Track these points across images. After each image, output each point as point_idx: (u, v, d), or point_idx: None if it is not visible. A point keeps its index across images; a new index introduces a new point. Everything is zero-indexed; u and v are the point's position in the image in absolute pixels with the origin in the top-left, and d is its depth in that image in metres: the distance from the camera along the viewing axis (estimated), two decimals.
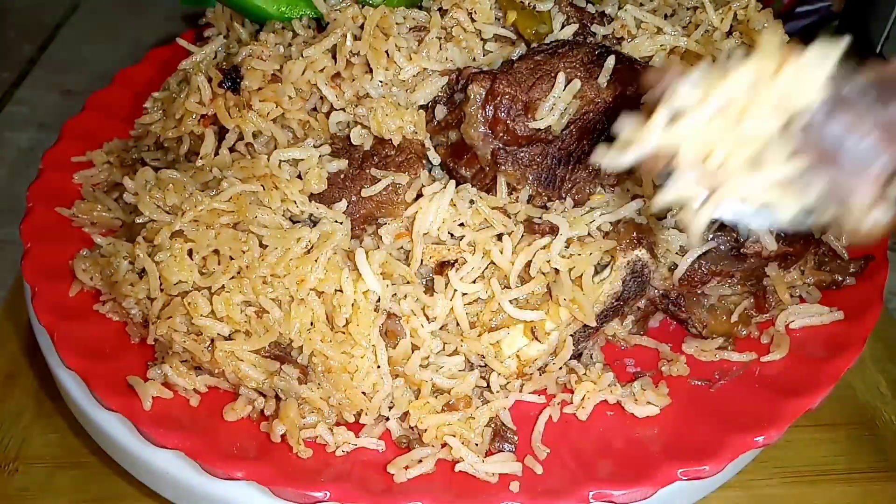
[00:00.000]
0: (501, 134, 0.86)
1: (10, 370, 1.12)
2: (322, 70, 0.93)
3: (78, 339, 0.90)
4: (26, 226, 1.02)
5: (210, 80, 0.94)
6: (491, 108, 0.85)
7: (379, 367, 0.81)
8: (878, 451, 1.02)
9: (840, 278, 0.94)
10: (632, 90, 0.86)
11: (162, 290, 0.84)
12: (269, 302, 0.81)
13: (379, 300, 0.82)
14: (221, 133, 0.96)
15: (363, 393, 0.81)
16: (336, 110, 0.92)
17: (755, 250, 0.86)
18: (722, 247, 0.88)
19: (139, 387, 0.84)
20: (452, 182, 0.86)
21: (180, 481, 0.83)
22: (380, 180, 0.86)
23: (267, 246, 0.83)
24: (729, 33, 1.05)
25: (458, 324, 0.87)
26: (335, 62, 0.93)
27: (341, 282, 0.80)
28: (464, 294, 0.87)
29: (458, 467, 0.80)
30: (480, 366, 0.88)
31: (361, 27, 0.95)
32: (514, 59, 0.89)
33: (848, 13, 1.68)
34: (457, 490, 0.78)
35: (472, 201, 0.85)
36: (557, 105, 0.84)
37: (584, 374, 0.88)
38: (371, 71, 0.93)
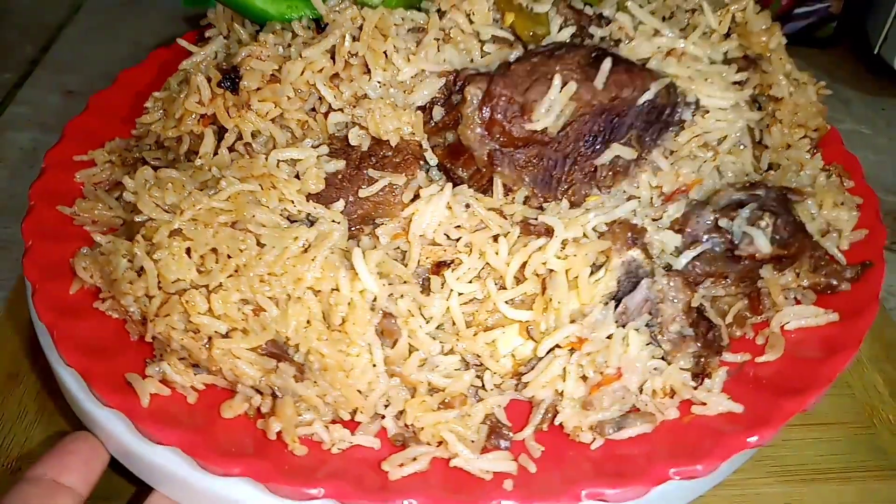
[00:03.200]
0: (498, 135, 0.87)
1: (13, 369, 1.12)
2: (320, 71, 0.94)
3: (78, 337, 0.90)
4: (28, 224, 1.03)
5: (209, 80, 0.94)
6: (487, 109, 0.86)
7: (375, 365, 0.81)
8: (876, 451, 1.03)
9: (835, 283, 0.94)
10: (628, 92, 0.87)
11: (160, 289, 0.85)
12: (267, 300, 0.82)
13: (375, 299, 0.82)
14: (220, 133, 0.97)
15: (359, 391, 0.82)
16: (334, 111, 0.93)
17: (749, 252, 0.87)
18: (716, 248, 0.88)
19: (137, 384, 0.85)
20: (449, 185, 0.87)
21: (179, 478, 0.83)
22: (377, 181, 0.87)
23: (265, 245, 0.83)
24: (727, 35, 1.06)
25: (453, 323, 0.88)
26: (334, 63, 0.94)
27: (338, 281, 0.81)
28: (460, 294, 0.87)
29: (452, 463, 0.80)
30: (476, 365, 0.89)
31: (360, 28, 0.96)
32: (511, 61, 0.90)
33: (846, 14, 1.71)
34: (451, 487, 0.79)
35: (467, 205, 0.86)
36: (553, 107, 0.85)
37: None
38: (369, 72, 0.94)
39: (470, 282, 0.88)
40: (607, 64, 0.86)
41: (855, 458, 1.02)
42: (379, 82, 0.93)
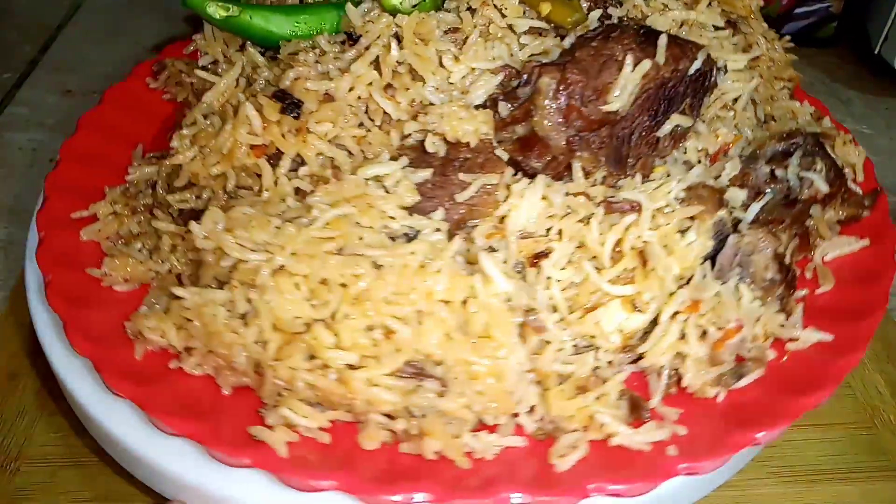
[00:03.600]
0: (575, 121, 0.89)
1: (12, 370, 1.09)
2: (371, 84, 0.92)
3: (172, 403, 0.84)
4: (52, 295, 0.93)
5: (259, 108, 0.89)
6: (564, 97, 0.88)
7: (520, 365, 0.81)
8: (877, 451, 1.03)
9: (860, 211, 1.04)
10: (684, 64, 0.92)
11: (276, 331, 0.80)
12: (396, 321, 0.80)
13: (510, 300, 0.82)
14: (269, 163, 0.92)
15: (508, 393, 0.81)
16: (397, 121, 0.91)
17: (810, 195, 0.94)
18: (776, 197, 0.96)
19: (267, 436, 0.80)
20: (541, 177, 0.88)
21: (189, 482, 0.82)
22: (471, 184, 0.87)
23: (381, 266, 0.81)
24: (710, 4, 1.13)
25: (555, 311, 0.90)
26: (381, 75, 0.92)
27: (473, 287, 0.80)
28: (558, 281, 0.89)
29: (613, 441, 0.82)
30: (585, 347, 0.91)
31: (395, 36, 0.94)
32: (567, 47, 0.92)
33: (847, 14, 1.72)
34: (617, 466, 0.81)
35: (567, 193, 0.87)
36: (627, 86, 0.88)
37: None
38: (418, 78, 0.93)
39: (563, 268, 0.90)
40: (664, 39, 0.90)
41: (856, 458, 1.03)
42: (433, 87, 0.92)
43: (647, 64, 0.88)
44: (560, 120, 0.88)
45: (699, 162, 0.99)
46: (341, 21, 1.00)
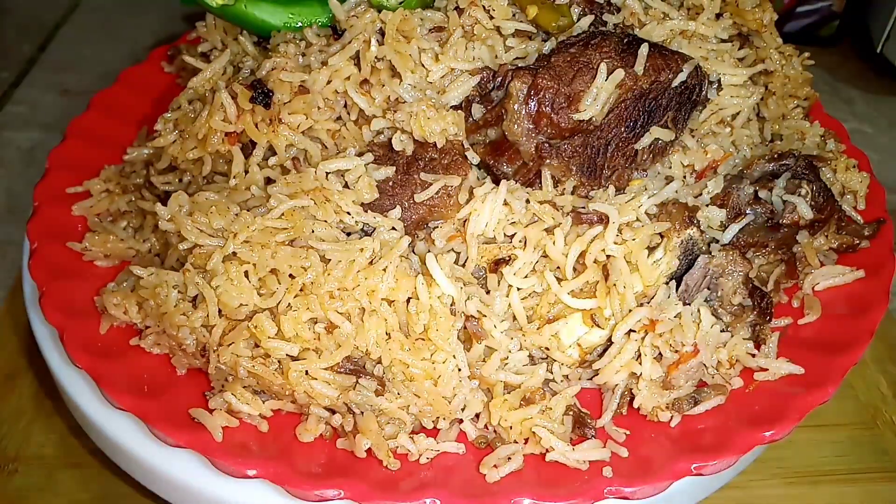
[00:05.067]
0: (545, 128, 0.87)
1: (10, 370, 1.11)
2: (348, 78, 0.92)
3: (124, 378, 0.86)
4: (35, 266, 0.96)
5: (235, 95, 0.90)
6: (534, 102, 0.86)
7: (460, 370, 0.80)
8: (879, 452, 1.02)
9: (857, 241, 0.99)
10: (665, 75, 0.89)
11: (222, 316, 0.81)
12: (339, 316, 0.80)
13: (453, 303, 0.81)
14: (244, 150, 0.93)
15: (444, 398, 0.81)
16: (371, 117, 0.91)
17: (793, 220, 0.90)
18: (758, 219, 0.92)
19: (206, 419, 0.82)
20: (504, 182, 0.86)
21: (184, 483, 0.83)
22: (431, 184, 0.86)
23: (329, 260, 0.81)
24: (719, 15, 1.09)
25: (514, 319, 0.88)
26: (360, 69, 0.92)
27: (416, 288, 0.79)
28: (518, 289, 0.87)
29: (549, 457, 0.80)
30: (542, 358, 0.89)
31: (380, 31, 0.94)
32: (546, 52, 0.90)
33: (848, 13, 1.70)
34: (549, 482, 0.79)
35: (528, 200, 0.86)
36: (600, 95, 0.86)
37: None
38: (397, 76, 0.92)
39: (526, 276, 0.88)
40: (645, 49, 0.88)
41: (858, 459, 1.02)
42: (410, 85, 0.92)
43: (620, 73, 0.85)
44: (530, 126, 0.87)
45: (684, 178, 0.95)
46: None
